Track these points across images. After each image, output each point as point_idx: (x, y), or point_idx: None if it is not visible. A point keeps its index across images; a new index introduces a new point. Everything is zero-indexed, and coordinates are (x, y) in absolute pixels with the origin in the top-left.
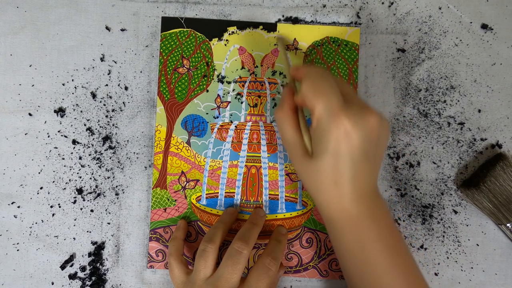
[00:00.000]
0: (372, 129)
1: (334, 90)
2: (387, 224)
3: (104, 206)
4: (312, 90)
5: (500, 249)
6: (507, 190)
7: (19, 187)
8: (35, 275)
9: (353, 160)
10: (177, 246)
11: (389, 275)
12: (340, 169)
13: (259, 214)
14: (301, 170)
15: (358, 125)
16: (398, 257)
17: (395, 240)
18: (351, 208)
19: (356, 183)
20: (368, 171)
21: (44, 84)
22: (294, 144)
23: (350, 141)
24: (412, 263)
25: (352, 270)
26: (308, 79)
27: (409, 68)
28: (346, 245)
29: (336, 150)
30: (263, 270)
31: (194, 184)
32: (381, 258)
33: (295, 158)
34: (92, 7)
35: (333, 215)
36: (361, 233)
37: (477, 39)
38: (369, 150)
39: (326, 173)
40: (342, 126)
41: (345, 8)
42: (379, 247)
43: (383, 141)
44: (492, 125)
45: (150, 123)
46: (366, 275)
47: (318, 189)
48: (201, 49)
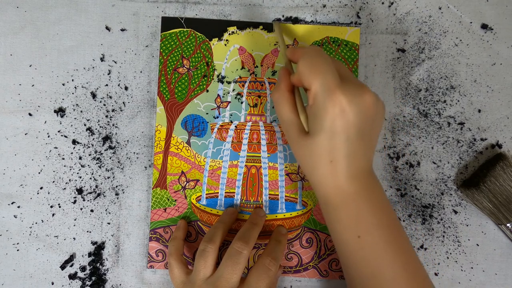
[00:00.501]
0: (368, 107)
1: (331, 68)
2: (382, 202)
3: (104, 206)
4: (309, 68)
5: (500, 249)
6: (507, 190)
7: (19, 187)
8: (35, 275)
9: (349, 137)
10: (177, 246)
11: (383, 251)
12: (336, 146)
13: (259, 214)
14: (297, 149)
15: (354, 102)
16: (392, 233)
17: (390, 218)
18: (346, 186)
19: (351, 161)
20: (363, 149)
21: (44, 84)
22: (291, 124)
23: (345, 118)
24: (406, 240)
25: (346, 245)
26: (305, 57)
27: (409, 68)
28: (341, 223)
29: (332, 128)
30: (263, 270)
31: (194, 184)
32: (375, 234)
33: (292, 138)
34: (92, 7)
35: (329, 193)
36: (356, 210)
37: (477, 39)
38: (365, 128)
39: (322, 150)
40: (338, 102)
41: (345, 8)
42: (373, 224)
43: (379, 120)
44: (492, 125)
45: (150, 123)
46: (360, 251)
47: (314, 168)
48: (201, 49)
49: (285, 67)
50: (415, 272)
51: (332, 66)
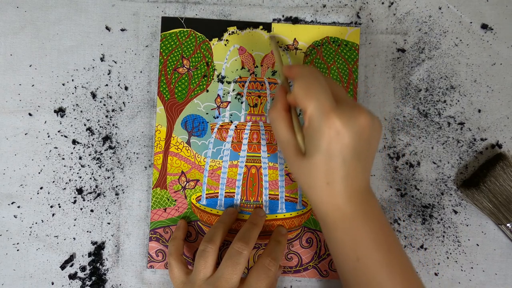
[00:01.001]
0: (363, 128)
1: (325, 91)
2: (380, 222)
3: (104, 206)
4: (304, 90)
5: (500, 249)
6: (507, 190)
7: (19, 187)
8: (35, 275)
9: (345, 159)
10: (177, 246)
11: (383, 272)
12: (332, 168)
13: (259, 214)
14: (294, 169)
15: (349, 125)
16: (392, 254)
17: (389, 238)
18: (344, 206)
19: (348, 182)
20: (360, 170)
21: (44, 84)
22: (287, 143)
23: (341, 140)
24: (406, 260)
25: (346, 268)
26: (300, 79)
27: (409, 68)
28: (340, 243)
29: (328, 150)
30: (263, 270)
31: (194, 184)
32: (374, 255)
33: (289, 157)
34: (92, 7)
35: (327, 213)
36: (354, 231)
37: (477, 39)
38: (361, 149)
39: (319, 172)
40: (333, 126)
41: (345, 8)
42: (372, 245)
43: (375, 140)
44: (492, 125)
45: (150, 123)
46: (359, 272)
47: (311, 188)
48: (201, 49)
49: (282, 85)
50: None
51: (327, 88)
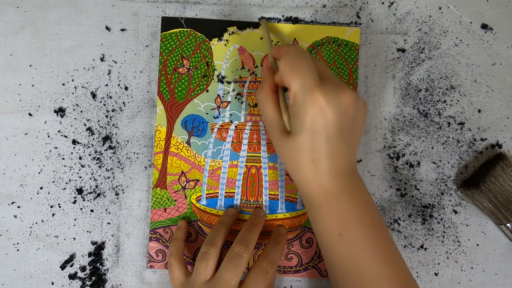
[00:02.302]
0: (346, 106)
1: (310, 68)
2: (365, 201)
3: (104, 206)
4: (289, 68)
5: (500, 249)
6: (507, 190)
7: (19, 187)
8: (35, 275)
9: (329, 136)
10: (178, 246)
11: (365, 246)
12: (317, 145)
13: (259, 214)
14: (280, 148)
15: (333, 102)
16: (374, 231)
17: (372, 215)
18: (328, 185)
19: (333, 160)
20: (345, 149)
21: (44, 84)
22: (273, 123)
23: (325, 117)
24: (388, 236)
25: (328, 244)
26: (285, 57)
27: (409, 68)
28: (323, 220)
29: (312, 127)
30: (261, 273)
31: (194, 184)
32: (357, 230)
33: (275, 137)
34: (92, 7)
35: (311, 192)
36: (338, 208)
37: (477, 39)
38: (345, 127)
39: (303, 150)
40: (317, 102)
41: (345, 8)
42: (355, 220)
43: (360, 120)
44: (492, 125)
45: (150, 123)
46: (341, 247)
47: (296, 167)
48: (201, 49)
49: (270, 66)
50: (396, 266)
51: (312, 65)
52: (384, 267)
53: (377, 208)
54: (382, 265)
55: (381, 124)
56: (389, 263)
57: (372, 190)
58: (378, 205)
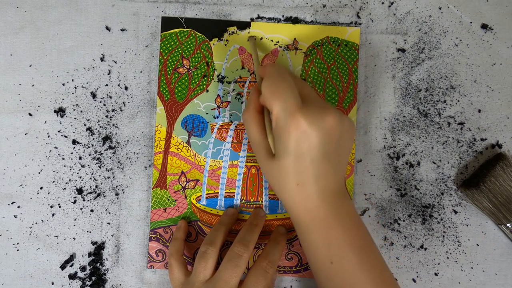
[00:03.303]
0: (330, 128)
1: (292, 90)
2: (354, 223)
3: (104, 206)
4: (270, 90)
5: (500, 249)
6: (507, 190)
7: (19, 187)
8: (35, 275)
9: (314, 160)
10: (177, 246)
11: (356, 274)
12: (301, 169)
13: (259, 215)
14: (266, 170)
15: (315, 125)
16: (365, 256)
17: (362, 240)
18: (316, 208)
19: (319, 183)
20: (331, 171)
21: (44, 84)
22: (259, 145)
23: (308, 140)
24: (380, 262)
25: (320, 271)
26: (267, 79)
27: (409, 68)
28: (313, 245)
29: (296, 150)
30: (260, 273)
31: (194, 184)
32: (347, 257)
33: (260, 159)
34: (92, 7)
35: (299, 215)
36: (327, 233)
37: (477, 39)
38: (330, 150)
39: (288, 173)
40: (299, 126)
41: (345, 8)
42: (345, 246)
43: (346, 141)
44: (492, 125)
45: (150, 123)
46: (333, 275)
47: (283, 190)
48: (201, 49)
49: (257, 86)
50: None
51: (293, 88)
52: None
53: (367, 229)
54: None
55: (381, 124)
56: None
57: (372, 190)
58: (378, 205)
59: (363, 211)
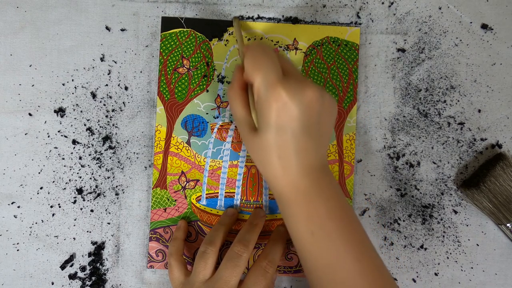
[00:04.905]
0: (310, 101)
1: (273, 64)
2: (336, 198)
3: (104, 206)
4: (251, 64)
5: (500, 249)
6: (507, 190)
7: (19, 187)
8: (35, 275)
9: (294, 133)
10: (177, 246)
11: (336, 243)
12: (282, 142)
13: (259, 215)
14: (249, 146)
15: (295, 97)
16: (345, 226)
17: (342, 210)
18: (298, 182)
19: (300, 156)
20: (312, 146)
21: (44, 84)
22: (242, 121)
23: (289, 113)
24: (360, 231)
25: (301, 242)
26: (248, 53)
27: (409, 68)
28: (294, 218)
29: (277, 123)
30: (260, 272)
31: (194, 184)
32: (327, 228)
33: (244, 135)
34: (92, 7)
35: (281, 190)
36: (308, 205)
37: (477, 39)
38: (310, 124)
39: (270, 147)
40: (279, 98)
41: (345, 8)
42: (325, 218)
43: (326, 116)
44: (492, 125)
45: (150, 123)
46: (316, 249)
47: (265, 164)
48: (201, 49)
49: (241, 64)
50: (369, 262)
51: (275, 61)
52: (356, 264)
53: (349, 204)
54: (355, 262)
55: (381, 124)
56: (362, 259)
57: (372, 190)
58: (378, 205)
59: (363, 211)
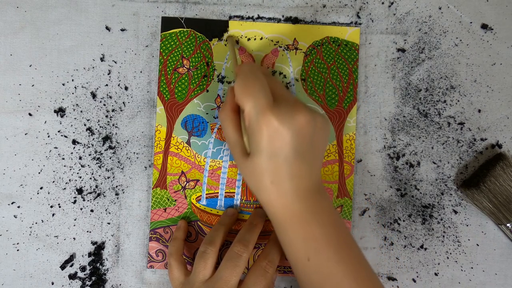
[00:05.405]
0: (301, 126)
1: (263, 89)
2: (330, 220)
3: (104, 206)
4: (242, 89)
5: (500, 249)
6: (507, 190)
7: (19, 187)
8: (35, 275)
9: (287, 158)
10: (177, 246)
11: (333, 269)
12: (275, 167)
13: (259, 215)
14: (242, 169)
15: (286, 123)
16: (342, 251)
17: (339, 235)
18: (292, 206)
19: (293, 181)
20: (305, 169)
21: (44, 84)
22: (234, 144)
23: (280, 138)
24: (359, 257)
25: (298, 267)
26: (238, 78)
27: (409, 68)
28: (291, 243)
29: (269, 148)
30: (260, 272)
31: (194, 184)
32: (324, 253)
33: (237, 158)
34: (92, 7)
35: (276, 213)
36: (303, 229)
37: (477, 39)
38: (303, 148)
39: (262, 172)
40: (270, 124)
41: (345, 8)
42: (321, 242)
43: (319, 139)
44: (492, 125)
45: (150, 123)
46: (310, 271)
47: (258, 189)
48: (201, 49)
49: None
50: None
51: (265, 85)
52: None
53: (346, 226)
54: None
55: (381, 124)
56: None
57: (372, 190)
58: (378, 205)
59: (363, 211)
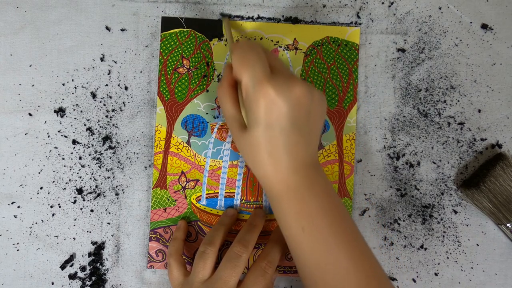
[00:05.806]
0: (298, 97)
1: (260, 60)
2: (327, 194)
3: (104, 206)
4: (239, 61)
5: (500, 249)
6: (507, 190)
7: (19, 187)
8: (35, 275)
9: (283, 129)
10: (177, 246)
11: (326, 239)
12: (272, 138)
13: (259, 215)
14: (239, 144)
15: (283, 94)
16: (336, 221)
17: (333, 206)
18: (288, 178)
19: (290, 153)
20: (302, 141)
21: (44, 84)
22: (232, 119)
23: (277, 109)
24: (352, 228)
25: (292, 239)
26: (236, 50)
27: (409, 68)
28: (285, 215)
29: (266, 120)
30: (260, 273)
31: (194, 184)
32: (318, 223)
33: (234, 133)
34: (92, 7)
35: (272, 187)
36: (299, 201)
37: (477, 39)
38: (299, 120)
39: (260, 144)
40: (267, 95)
41: (345, 8)
42: (315, 214)
43: (316, 113)
44: (492, 125)
45: (150, 123)
46: (307, 245)
47: (255, 162)
48: (201, 49)
49: (230, 62)
50: (362, 260)
51: (262, 57)
52: (349, 261)
53: (341, 201)
54: (347, 260)
55: (381, 124)
56: (354, 257)
57: (372, 190)
58: (378, 205)
59: (363, 211)
